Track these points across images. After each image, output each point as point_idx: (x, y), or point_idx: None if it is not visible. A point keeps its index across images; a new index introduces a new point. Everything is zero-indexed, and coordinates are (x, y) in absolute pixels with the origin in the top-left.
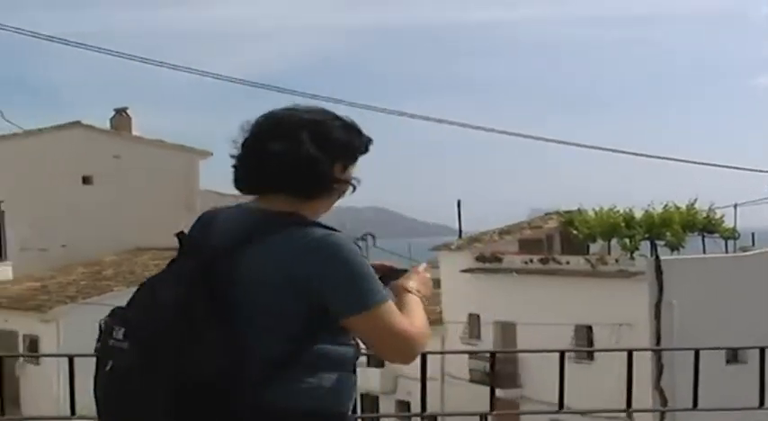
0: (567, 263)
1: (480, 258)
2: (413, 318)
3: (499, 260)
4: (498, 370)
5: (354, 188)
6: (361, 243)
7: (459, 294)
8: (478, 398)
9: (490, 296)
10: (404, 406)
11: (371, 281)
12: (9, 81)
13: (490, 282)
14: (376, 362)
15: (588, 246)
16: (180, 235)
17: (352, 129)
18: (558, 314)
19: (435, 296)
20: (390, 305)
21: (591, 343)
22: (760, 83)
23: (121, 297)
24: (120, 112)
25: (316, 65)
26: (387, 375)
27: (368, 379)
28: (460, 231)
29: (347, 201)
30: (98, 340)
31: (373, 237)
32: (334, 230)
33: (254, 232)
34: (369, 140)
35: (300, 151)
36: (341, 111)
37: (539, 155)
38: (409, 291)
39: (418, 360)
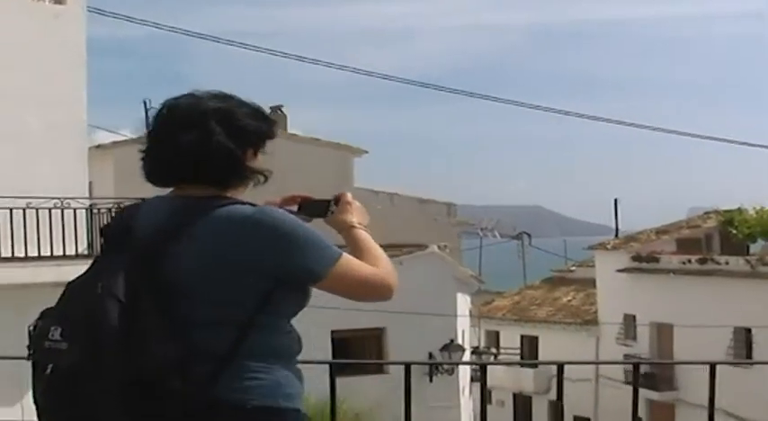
0: (726, 263)
1: (636, 258)
2: (373, 256)
3: (656, 260)
4: (655, 372)
5: (266, 178)
6: (516, 242)
7: (615, 294)
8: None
9: (646, 296)
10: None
11: (319, 242)
12: (163, 79)
13: (646, 283)
14: (529, 363)
15: (748, 246)
16: (105, 229)
17: (259, 114)
18: (717, 316)
19: (590, 296)
20: (346, 257)
21: (750, 346)
22: None
23: None
24: (276, 110)
25: (471, 63)
26: (540, 375)
27: (521, 379)
28: (617, 230)
29: (504, 199)
30: (30, 345)
31: (528, 235)
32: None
33: (184, 220)
34: (274, 124)
35: (212, 141)
36: (495, 108)
37: (698, 153)
38: (354, 227)
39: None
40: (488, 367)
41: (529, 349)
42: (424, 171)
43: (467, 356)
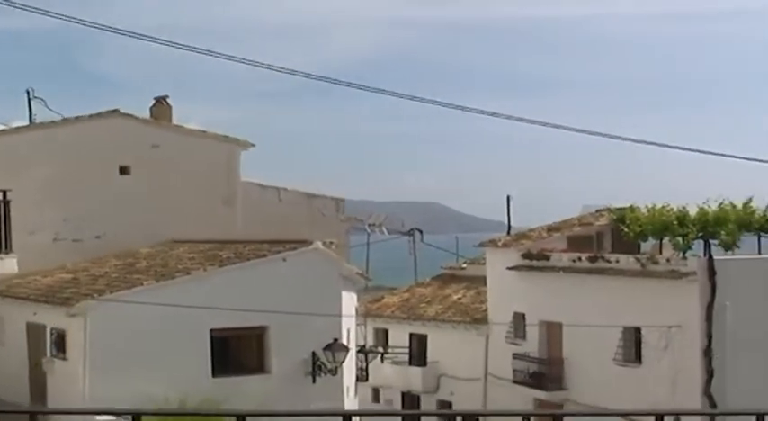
0: (617, 262)
1: (527, 255)
2: None
3: (547, 258)
4: (544, 372)
5: None
6: (408, 238)
7: (506, 292)
8: (521, 399)
9: (536, 295)
10: (445, 405)
11: None
12: (59, 69)
13: (537, 281)
14: (418, 361)
15: (639, 245)
16: None
17: None
18: (607, 315)
19: (481, 293)
20: None
21: (639, 345)
22: None
23: (151, 291)
24: (160, 101)
25: (388, 58)
26: (429, 374)
27: (410, 378)
28: (509, 227)
29: (401, 196)
30: None
31: (420, 232)
32: None
33: None
34: None
35: None
36: (402, 104)
37: (597, 151)
38: None
39: (456, 361)
40: (375, 362)
41: (418, 348)
42: (320, 167)
43: (352, 355)
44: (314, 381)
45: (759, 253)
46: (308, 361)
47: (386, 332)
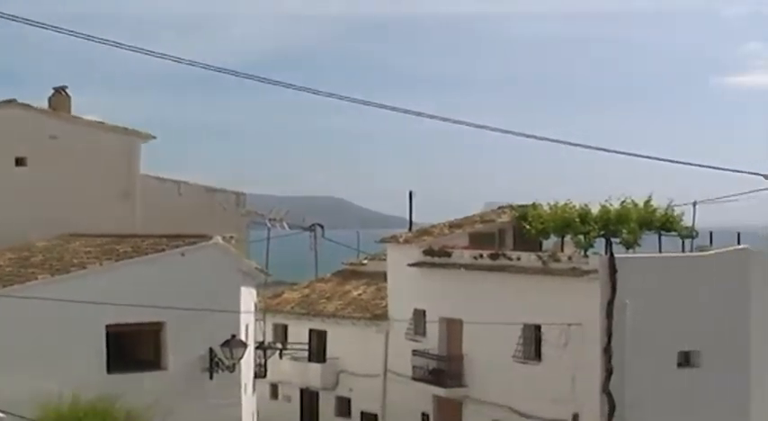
0: (518, 259)
1: (428, 252)
2: None
3: (448, 254)
4: (444, 368)
5: None
6: (309, 233)
7: (406, 289)
8: (421, 396)
9: (437, 291)
10: (344, 402)
11: None
12: None
13: (438, 277)
14: (318, 357)
15: (541, 242)
16: None
17: None
18: (507, 312)
19: (382, 290)
20: None
21: (539, 343)
22: (729, 82)
23: (46, 286)
24: (59, 91)
25: (287, 52)
26: (328, 370)
27: (309, 374)
28: (411, 223)
29: (302, 190)
30: None
31: (321, 227)
32: None
33: None
34: None
35: None
36: (304, 99)
37: (501, 149)
38: None
39: (355, 358)
40: (274, 359)
41: (317, 344)
42: (223, 161)
43: (251, 351)
44: (211, 378)
45: (660, 251)
46: (206, 357)
47: (285, 328)
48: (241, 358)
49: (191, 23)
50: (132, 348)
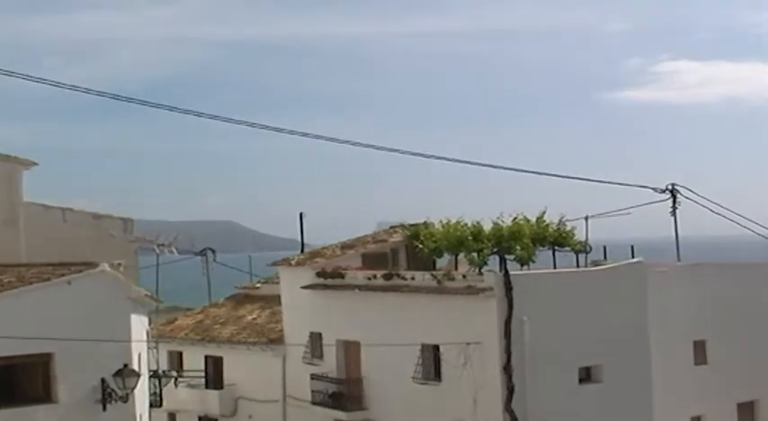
0: (413, 278)
1: (321, 274)
2: None
3: (341, 276)
4: (343, 392)
5: None
6: (201, 258)
7: (301, 311)
8: (321, 420)
9: (333, 314)
10: None
11: None
12: None
13: (332, 299)
14: (215, 384)
15: (435, 261)
16: None
17: None
18: (405, 332)
19: (276, 313)
20: None
21: (438, 363)
22: (608, 97)
23: None
24: None
25: (172, 77)
26: (226, 397)
27: (207, 401)
28: (302, 245)
29: (196, 214)
30: None
31: (213, 251)
32: None
33: None
34: None
35: None
36: (194, 123)
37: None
38: None
39: (253, 383)
40: (170, 387)
41: (214, 370)
42: (111, 187)
43: (144, 381)
44: (104, 409)
45: (554, 267)
46: (98, 388)
47: (180, 355)
48: (134, 388)
49: (76, 50)
50: (21, 382)
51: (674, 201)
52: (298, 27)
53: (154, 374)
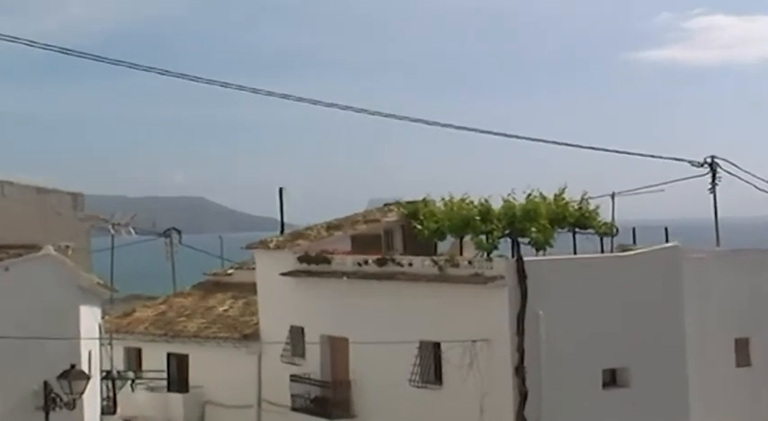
0: (410, 265)
1: (304, 258)
2: None
3: (327, 261)
4: (328, 396)
5: None
6: (165, 239)
7: (280, 302)
8: None
9: (317, 305)
10: None
11: None
12: None
13: (317, 288)
14: (179, 386)
15: (436, 245)
16: None
17: None
18: (401, 328)
19: (252, 304)
20: None
21: (439, 363)
22: (632, 57)
23: None
24: None
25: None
26: (191, 402)
27: (169, 406)
28: (282, 225)
29: (160, 189)
30: None
31: (178, 231)
32: None
33: None
34: None
35: None
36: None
37: (388, 138)
38: None
39: (224, 386)
40: (126, 390)
41: (177, 370)
42: (60, 158)
43: (95, 383)
44: (47, 418)
45: (575, 252)
46: (40, 392)
47: (138, 352)
48: (83, 392)
49: (20, 2)
50: None
51: (714, 177)
52: None
53: (107, 376)
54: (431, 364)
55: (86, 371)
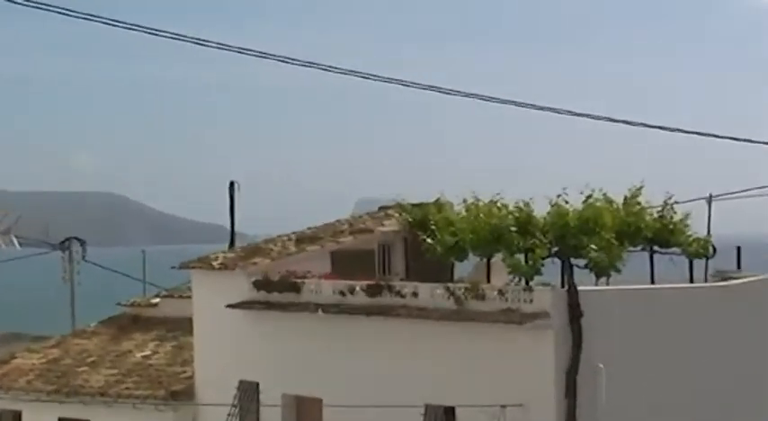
0: (415, 294)
1: (262, 284)
2: None
3: (296, 288)
4: None
5: None
6: (62, 253)
7: (226, 347)
8: None
9: (279, 351)
10: None
11: None
12: None
13: (279, 327)
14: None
15: (453, 266)
16: None
17: None
18: (398, 385)
19: (186, 348)
20: None
21: None
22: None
23: None
24: None
25: None
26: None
27: None
28: (233, 235)
29: (54, 182)
30: None
31: (82, 242)
32: None
33: None
34: None
35: None
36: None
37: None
38: None
39: None
40: None
41: None
42: None
43: None
44: None
45: (652, 280)
46: None
47: (18, 416)
48: None
49: None
50: None
51: None
52: None
53: None
54: None
55: None
